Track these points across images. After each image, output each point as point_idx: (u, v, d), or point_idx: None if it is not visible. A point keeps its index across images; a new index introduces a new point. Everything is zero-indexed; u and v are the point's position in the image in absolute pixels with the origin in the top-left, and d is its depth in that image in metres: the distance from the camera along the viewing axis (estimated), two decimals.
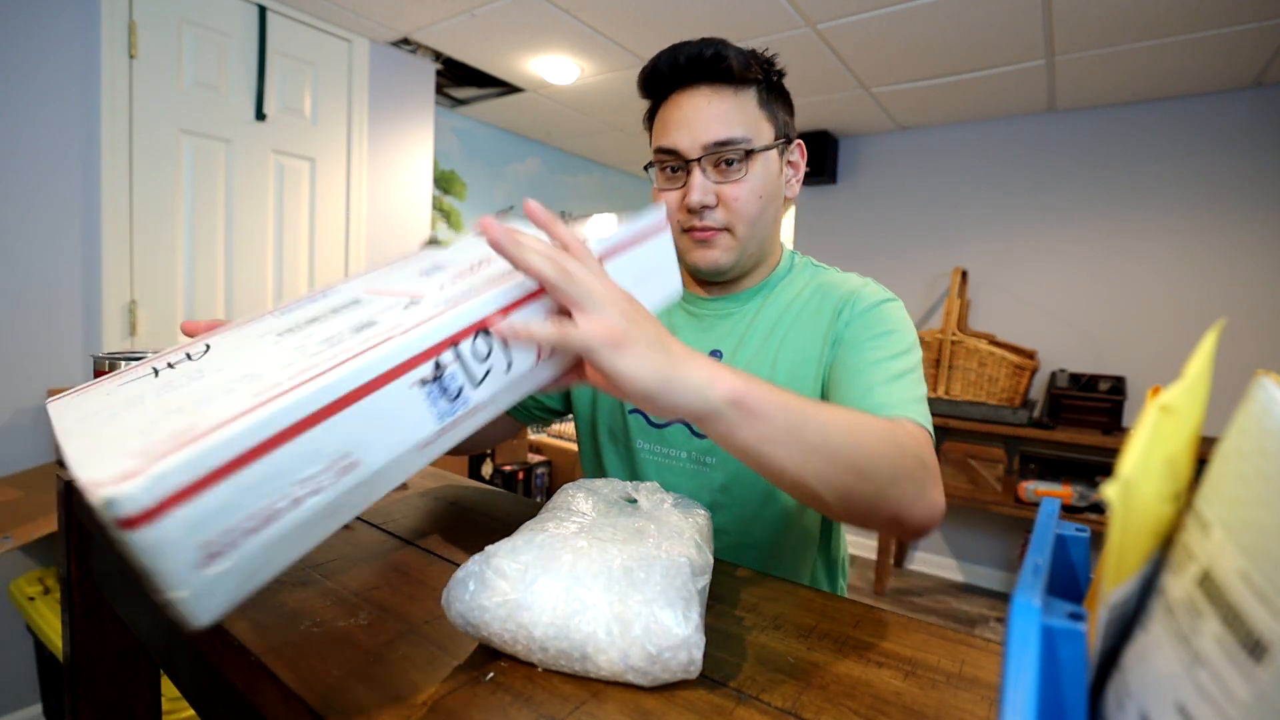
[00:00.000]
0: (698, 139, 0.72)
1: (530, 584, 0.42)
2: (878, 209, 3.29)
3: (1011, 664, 0.20)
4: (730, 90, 0.73)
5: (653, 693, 0.42)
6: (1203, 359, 0.22)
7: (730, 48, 0.72)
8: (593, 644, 0.41)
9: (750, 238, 0.76)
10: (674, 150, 0.74)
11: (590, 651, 0.41)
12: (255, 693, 0.43)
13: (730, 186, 0.73)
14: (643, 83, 0.78)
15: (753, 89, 0.75)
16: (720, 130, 0.72)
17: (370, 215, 2.43)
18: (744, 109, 0.73)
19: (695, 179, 0.73)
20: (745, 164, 0.73)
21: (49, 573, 1.58)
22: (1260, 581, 0.17)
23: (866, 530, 0.61)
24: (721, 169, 0.73)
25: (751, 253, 0.78)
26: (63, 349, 1.74)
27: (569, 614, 0.41)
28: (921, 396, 0.67)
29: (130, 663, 0.82)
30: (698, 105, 0.73)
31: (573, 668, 0.42)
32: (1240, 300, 2.50)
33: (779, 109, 0.77)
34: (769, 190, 0.75)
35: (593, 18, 2.10)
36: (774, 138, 0.76)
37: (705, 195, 0.73)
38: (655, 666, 0.40)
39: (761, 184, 0.74)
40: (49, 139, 1.68)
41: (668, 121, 0.75)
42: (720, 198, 0.74)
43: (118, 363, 0.73)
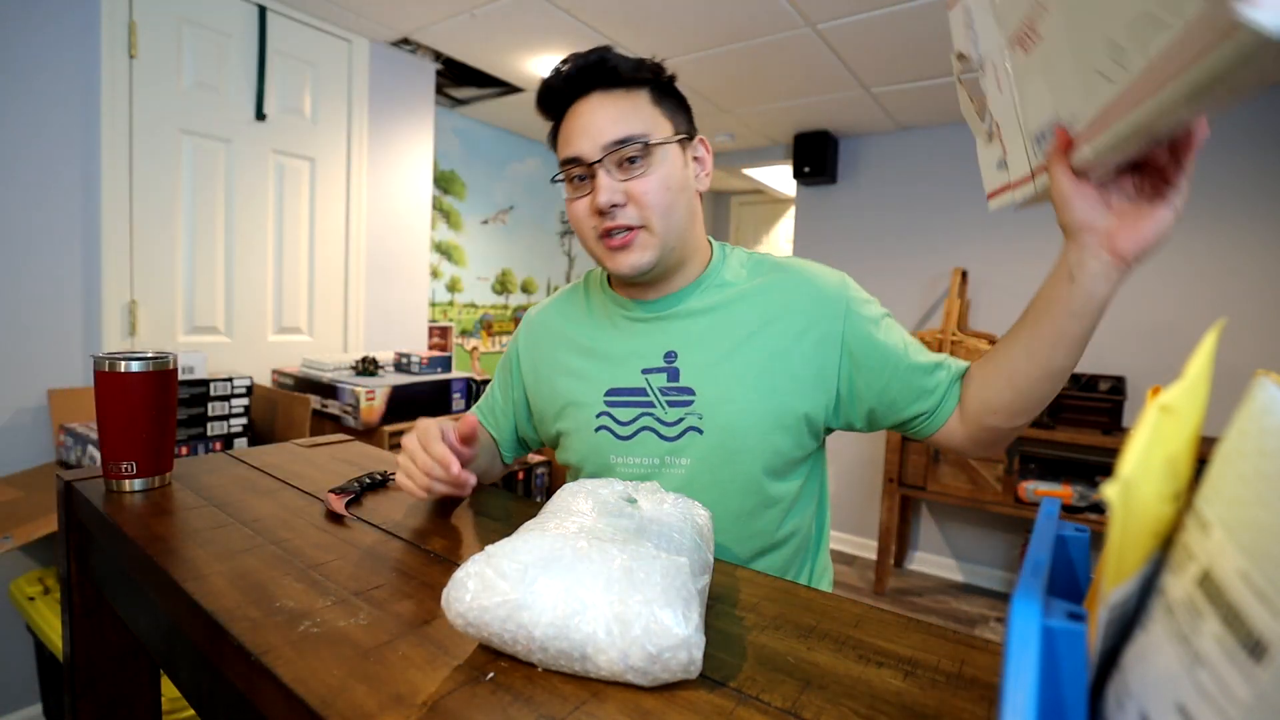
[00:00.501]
0: (596, 141, 0.74)
1: (530, 584, 0.42)
2: (878, 209, 3.29)
3: (1011, 664, 0.20)
4: (622, 91, 0.76)
5: (653, 693, 0.42)
6: (1203, 359, 0.22)
7: (617, 55, 0.75)
8: (593, 644, 0.41)
9: (667, 230, 0.76)
10: (576, 158, 0.75)
11: (590, 651, 0.41)
12: (255, 693, 0.43)
13: (636, 182, 0.74)
14: (540, 103, 0.80)
15: (645, 89, 0.77)
16: (618, 129, 0.73)
17: (370, 215, 2.43)
18: (638, 107, 0.75)
19: (601, 180, 0.74)
20: (647, 159, 0.74)
21: (49, 573, 1.58)
22: (1260, 581, 0.17)
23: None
24: (625, 167, 0.74)
25: (673, 247, 0.78)
26: (63, 349, 1.74)
27: (569, 614, 0.41)
28: (924, 349, 0.81)
29: (130, 663, 0.82)
30: (593, 109, 0.75)
31: (573, 668, 0.42)
32: (1240, 300, 2.50)
33: (674, 108, 0.79)
34: (676, 181, 0.76)
35: (593, 18, 2.10)
36: (673, 132, 0.77)
37: (613, 194, 0.74)
38: (655, 666, 0.40)
39: (667, 175, 0.75)
40: (49, 139, 1.68)
41: (568, 132, 0.77)
42: (629, 195, 0.74)
43: (117, 363, 0.73)
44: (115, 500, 0.72)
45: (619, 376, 0.82)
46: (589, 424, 0.82)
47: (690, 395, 0.78)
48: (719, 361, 0.78)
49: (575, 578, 0.42)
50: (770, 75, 2.53)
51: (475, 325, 3.41)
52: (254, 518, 0.69)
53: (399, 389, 1.95)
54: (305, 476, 0.85)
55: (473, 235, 3.32)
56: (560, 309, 0.92)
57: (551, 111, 0.80)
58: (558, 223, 3.85)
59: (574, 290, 0.94)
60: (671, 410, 0.78)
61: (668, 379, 0.79)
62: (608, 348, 0.84)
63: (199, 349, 1.95)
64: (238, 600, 0.50)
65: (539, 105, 0.81)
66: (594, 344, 0.85)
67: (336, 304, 2.37)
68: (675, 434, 0.78)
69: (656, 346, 0.81)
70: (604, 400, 0.82)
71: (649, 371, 0.80)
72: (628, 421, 0.80)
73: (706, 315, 0.81)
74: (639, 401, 0.80)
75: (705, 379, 0.78)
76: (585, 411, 0.83)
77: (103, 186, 1.75)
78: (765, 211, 5.04)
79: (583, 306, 0.90)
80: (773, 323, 0.78)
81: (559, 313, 0.91)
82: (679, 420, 0.78)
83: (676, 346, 0.80)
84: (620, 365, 0.82)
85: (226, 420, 1.72)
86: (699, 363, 0.79)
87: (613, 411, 0.81)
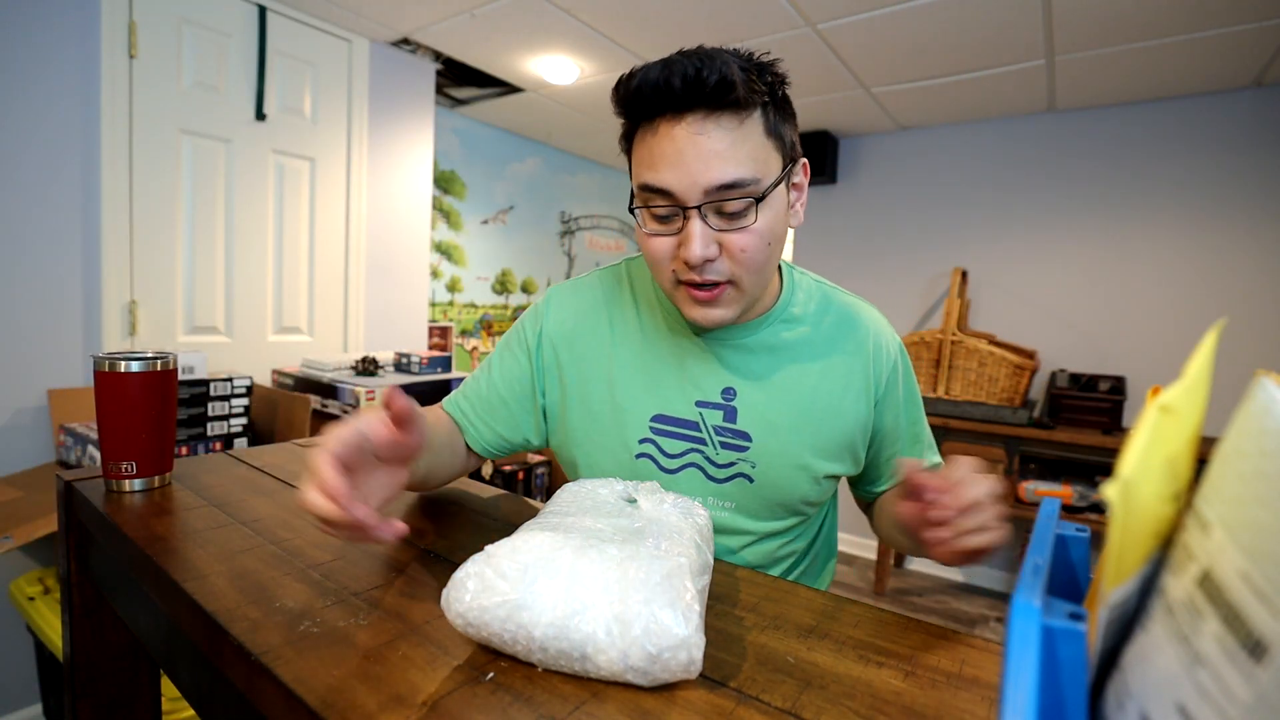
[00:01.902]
0: (697, 182, 0.60)
1: (530, 584, 0.42)
2: (878, 209, 3.29)
3: (1011, 664, 0.20)
4: (733, 119, 0.60)
5: (653, 693, 0.42)
6: (1203, 359, 0.22)
7: (734, 67, 0.59)
8: (593, 644, 0.40)
9: (754, 285, 0.67)
10: (667, 192, 0.62)
11: (590, 651, 0.41)
12: (255, 693, 0.43)
13: (736, 235, 0.63)
14: (621, 102, 0.65)
15: (758, 112, 0.62)
16: (725, 172, 0.60)
17: (370, 215, 2.43)
18: (750, 141, 0.61)
19: (694, 229, 0.62)
20: (754, 209, 0.62)
21: (49, 573, 1.58)
22: (1260, 581, 0.17)
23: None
24: (725, 216, 0.63)
25: (757, 298, 0.70)
26: (63, 349, 1.74)
27: (569, 614, 0.41)
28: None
29: (130, 663, 0.82)
30: (696, 142, 0.60)
31: (573, 668, 0.42)
32: (1240, 300, 2.50)
33: (786, 129, 0.66)
34: (777, 233, 0.66)
35: (593, 18, 2.10)
36: (782, 166, 0.65)
37: (707, 249, 0.62)
38: (655, 666, 0.40)
39: (770, 228, 0.64)
40: (49, 139, 1.68)
41: (657, 157, 0.62)
42: (724, 247, 0.63)
43: (117, 363, 0.73)
44: (115, 500, 0.72)
45: (670, 404, 0.74)
46: (628, 448, 0.75)
47: (746, 441, 0.73)
48: (779, 409, 0.73)
49: (575, 578, 0.42)
50: None
51: (475, 325, 3.41)
52: (254, 518, 0.69)
53: (399, 389, 1.94)
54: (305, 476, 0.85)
55: (473, 235, 3.32)
56: (599, 298, 0.80)
57: (633, 118, 0.65)
58: (558, 223, 3.85)
59: (615, 281, 0.82)
60: (724, 452, 0.74)
61: (724, 418, 0.73)
62: (659, 367, 0.75)
63: (199, 349, 1.95)
64: (238, 600, 0.50)
65: (618, 104, 0.65)
66: (643, 357, 0.76)
67: (336, 304, 2.37)
68: (724, 476, 0.74)
69: (715, 379, 0.74)
70: (649, 425, 0.75)
71: (704, 405, 0.74)
72: (675, 454, 0.74)
73: (770, 354, 0.75)
74: (690, 436, 0.74)
75: (764, 428, 0.73)
76: (626, 433, 0.75)
77: (103, 186, 1.75)
78: None
79: (630, 306, 0.79)
80: (836, 372, 0.76)
81: (599, 303, 0.80)
82: (730, 464, 0.74)
83: (736, 383, 0.74)
84: (672, 391, 0.75)
85: (226, 420, 1.72)
86: (758, 406, 0.73)
87: (659, 441, 0.75)
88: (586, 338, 0.79)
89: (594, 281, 0.83)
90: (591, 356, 0.78)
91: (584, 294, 0.82)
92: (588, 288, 0.82)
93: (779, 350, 0.75)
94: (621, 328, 0.78)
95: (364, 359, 2.07)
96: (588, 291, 0.82)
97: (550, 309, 0.81)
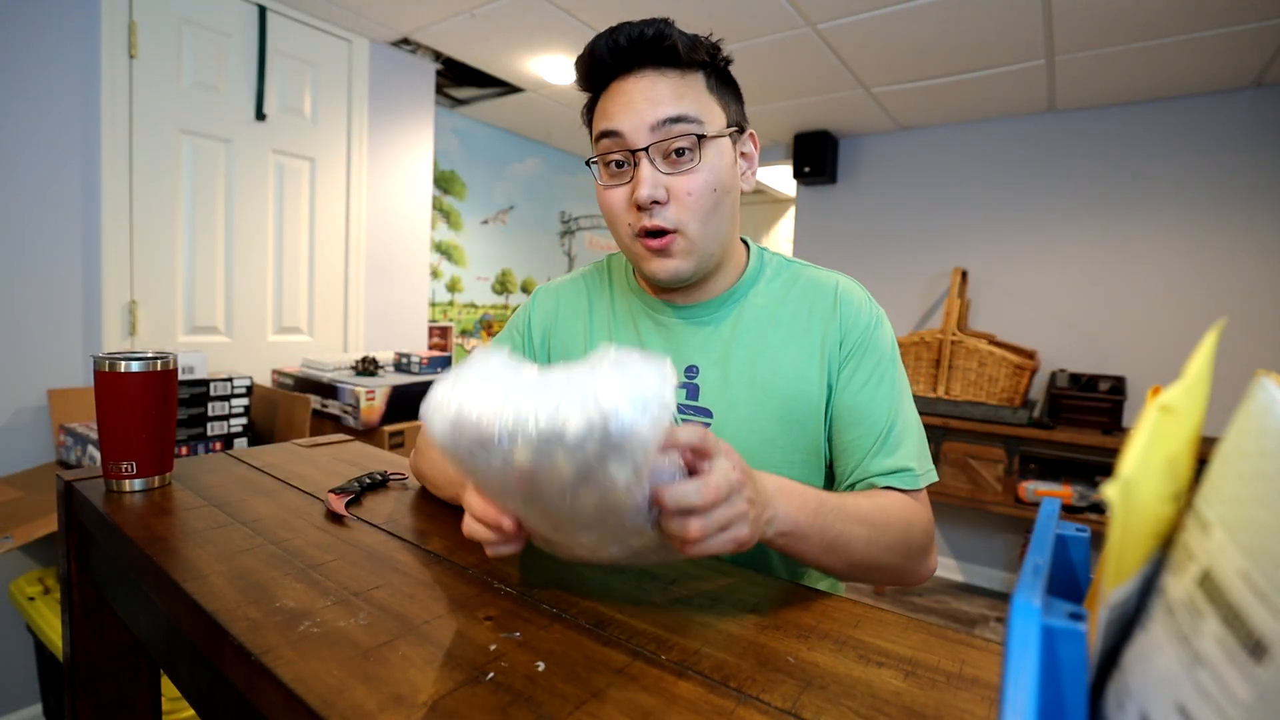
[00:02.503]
0: (644, 119, 0.66)
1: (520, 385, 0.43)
2: (878, 209, 3.29)
3: (1011, 664, 0.20)
4: (676, 72, 0.68)
5: (653, 693, 0.42)
6: (1203, 359, 0.22)
7: (674, 28, 0.67)
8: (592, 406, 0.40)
9: (704, 236, 0.70)
10: (617, 132, 0.68)
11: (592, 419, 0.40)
12: (255, 693, 0.43)
13: (682, 178, 0.67)
14: (581, 71, 0.72)
15: (700, 73, 0.70)
16: (668, 109, 0.66)
17: (370, 215, 2.43)
18: (693, 90, 0.68)
19: (644, 171, 0.67)
20: (698, 151, 0.67)
21: (49, 573, 1.58)
22: (1260, 581, 0.17)
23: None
24: (672, 159, 0.67)
25: (711, 253, 0.72)
26: (63, 349, 1.74)
27: (557, 405, 0.41)
28: (922, 439, 0.74)
29: (130, 663, 0.82)
30: (641, 86, 0.67)
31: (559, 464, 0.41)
32: (1240, 300, 2.50)
33: (729, 96, 0.72)
34: (724, 181, 0.69)
35: (593, 18, 2.10)
36: (725, 124, 0.71)
37: (655, 189, 0.67)
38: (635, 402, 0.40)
39: (715, 174, 0.68)
40: (49, 139, 1.68)
41: (609, 107, 0.69)
42: (671, 192, 0.68)
43: (117, 363, 0.73)
44: (115, 500, 0.72)
45: None
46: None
47: (706, 419, 0.74)
48: (737, 385, 0.74)
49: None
50: (770, 75, 2.53)
51: (475, 325, 3.41)
52: (254, 518, 0.69)
53: (399, 389, 1.94)
54: (305, 476, 0.85)
55: (473, 235, 3.32)
56: (582, 289, 0.86)
57: (592, 84, 0.73)
58: (558, 223, 3.85)
59: (597, 273, 0.87)
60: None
61: (686, 395, 0.76)
62: (628, 347, 0.80)
63: (199, 349, 1.95)
64: (238, 600, 0.50)
65: (579, 75, 0.73)
66: (613, 339, 0.81)
67: (336, 304, 2.37)
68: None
69: (678, 358, 0.76)
70: None
71: None
72: None
73: (733, 330, 0.76)
74: None
75: (724, 402, 0.74)
76: None
77: (103, 186, 1.75)
78: (765, 211, 5.04)
79: (605, 295, 0.84)
80: (797, 342, 0.74)
81: (580, 293, 0.85)
82: None
83: (699, 361, 0.76)
84: None
85: (226, 420, 1.72)
86: (719, 383, 0.75)
87: None
88: (567, 323, 0.85)
89: (577, 275, 0.89)
90: (571, 338, 0.84)
91: (567, 287, 0.87)
92: (571, 281, 0.88)
93: (741, 326, 0.76)
94: (598, 314, 0.84)
95: (364, 359, 2.07)
96: (570, 285, 0.88)
97: (536, 302, 0.88)
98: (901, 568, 0.67)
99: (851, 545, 0.60)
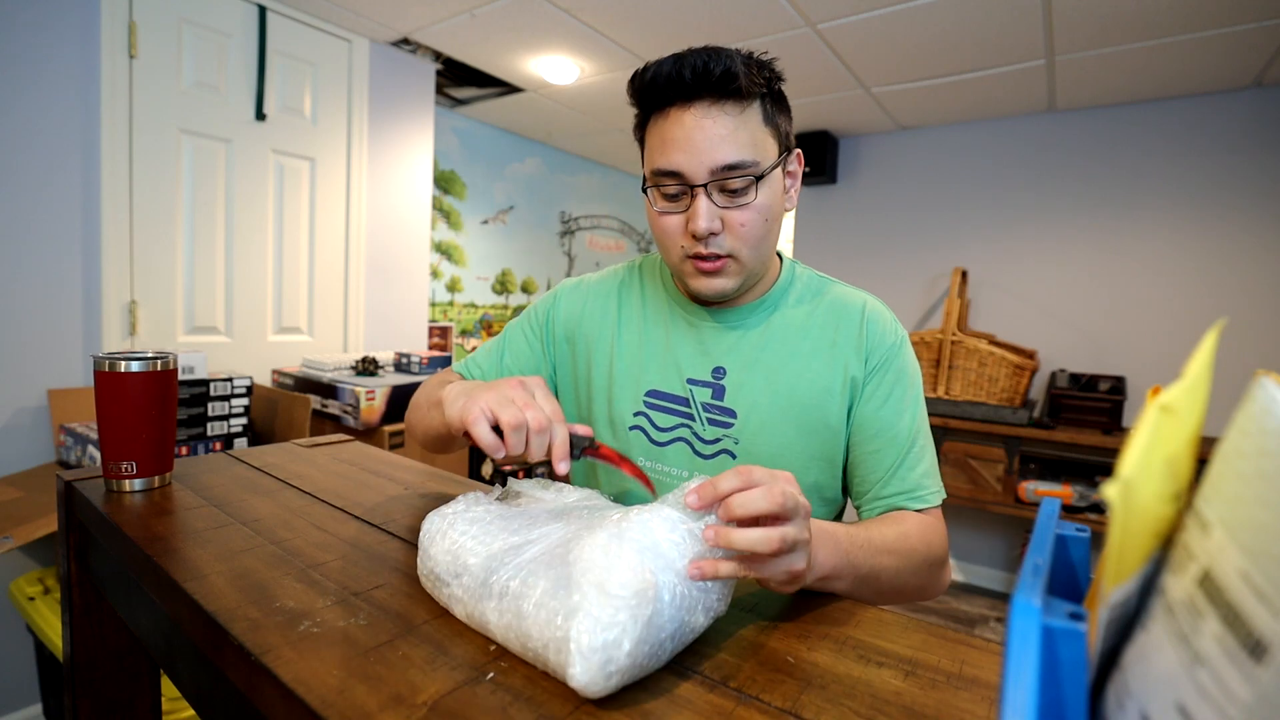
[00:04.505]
0: (704, 163, 0.68)
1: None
2: (878, 209, 3.29)
3: (1011, 664, 0.20)
4: (735, 107, 0.68)
5: (652, 693, 0.42)
6: (1203, 359, 0.22)
7: (737, 60, 0.67)
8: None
9: (754, 259, 0.74)
10: (677, 173, 0.70)
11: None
12: (255, 693, 0.43)
13: (737, 212, 0.70)
14: (636, 93, 0.73)
15: (757, 103, 0.70)
16: (728, 153, 0.68)
17: (370, 215, 2.43)
18: (750, 127, 0.69)
19: (701, 205, 0.69)
20: (754, 188, 0.70)
21: (49, 573, 1.58)
22: (1260, 581, 0.17)
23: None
24: (728, 194, 0.70)
25: (756, 272, 0.76)
26: (63, 349, 1.74)
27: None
28: (934, 459, 0.77)
29: (130, 663, 0.82)
30: (703, 126, 0.68)
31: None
32: (1240, 300, 2.50)
33: (781, 120, 0.74)
34: (774, 210, 0.73)
35: (593, 18, 2.10)
36: (778, 153, 0.73)
37: (712, 222, 0.70)
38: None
39: (768, 206, 0.71)
40: (49, 139, 1.68)
41: (668, 141, 0.70)
42: (726, 223, 0.71)
43: (117, 363, 0.73)
44: (115, 500, 0.72)
45: (664, 380, 0.80)
46: (623, 420, 0.81)
47: (731, 419, 0.77)
48: (764, 388, 0.76)
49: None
50: None
51: (475, 325, 3.41)
52: (254, 518, 0.69)
53: (399, 389, 1.94)
54: (305, 476, 0.85)
55: (473, 235, 3.32)
56: (612, 290, 0.88)
57: (645, 106, 0.73)
58: (558, 223, 3.85)
59: (628, 273, 0.90)
60: (711, 429, 0.77)
61: (712, 395, 0.78)
62: (656, 346, 0.82)
63: (199, 349, 1.95)
64: (238, 600, 0.50)
65: (633, 94, 0.73)
66: (642, 337, 0.83)
67: (336, 304, 2.37)
68: (710, 452, 0.77)
69: (707, 359, 0.79)
70: (643, 399, 0.80)
71: (695, 383, 0.79)
72: (665, 428, 0.79)
73: (762, 337, 0.79)
74: (680, 411, 0.79)
75: (748, 403, 0.77)
76: (621, 405, 0.81)
77: (103, 186, 1.75)
78: None
79: (636, 295, 0.87)
80: (821, 355, 0.77)
81: (610, 293, 0.88)
82: (716, 440, 0.77)
83: (727, 363, 0.78)
84: (666, 368, 0.80)
85: (226, 420, 1.72)
86: (745, 386, 0.77)
87: (651, 414, 0.80)
88: (596, 318, 0.86)
89: (607, 273, 0.91)
90: (598, 335, 0.85)
91: (596, 286, 0.90)
92: (600, 278, 0.91)
93: (771, 333, 0.79)
94: (627, 312, 0.86)
95: (364, 359, 2.07)
96: (599, 285, 0.90)
97: (563, 294, 0.90)
98: (924, 587, 0.70)
99: (881, 577, 0.63)
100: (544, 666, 0.42)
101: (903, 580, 0.66)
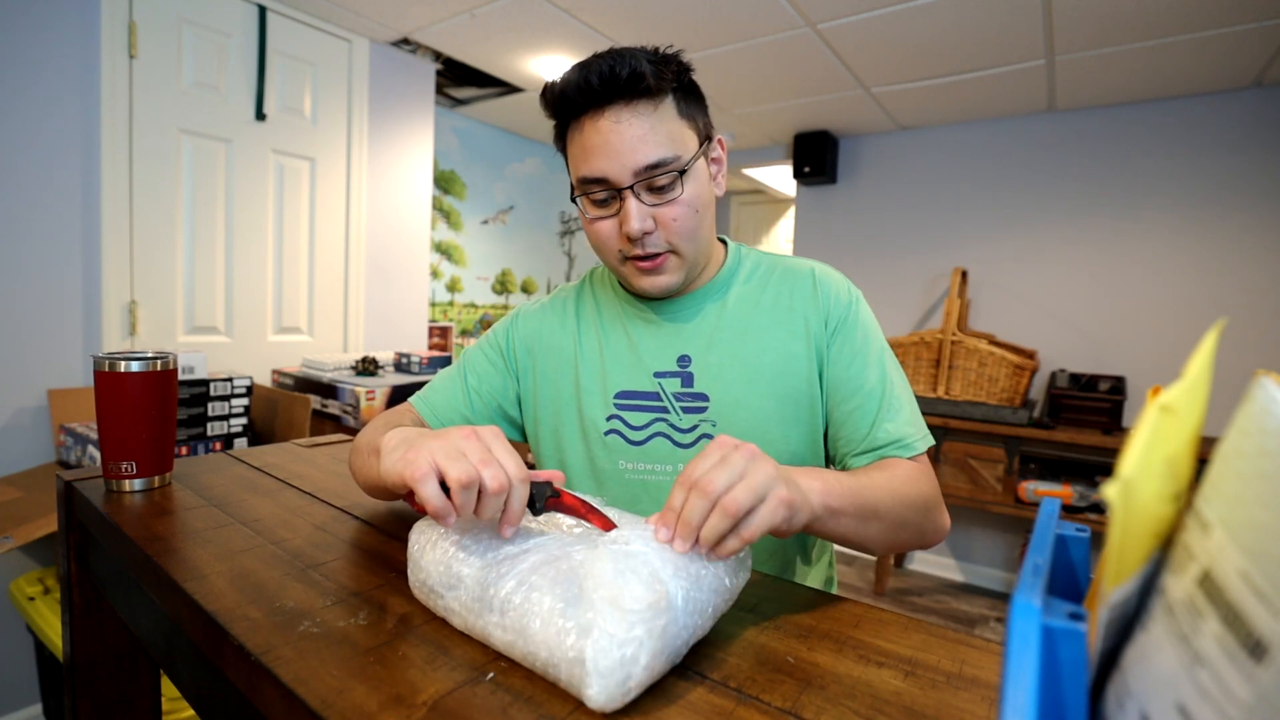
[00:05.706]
0: (626, 166, 0.69)
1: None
2: (878, 209, 3.29)
3: (1011, 664, 0.20)
4: (648, 106, 0.69)
5: (653, 693, 0.42)
6: (1203, 359, 0.22)
7: (643, 60, 0.68)
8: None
9: (691, 251, 0.75)
10: (602, 179, 0.70)
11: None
12: (255, 693, 0.43)
13: (667, 208, 0.71)
14: (549, 106, 0.73)
15: (669, 98, 0.71)
16: (649, 153, 0.68)
17: (370, 215, 2.43)
18: (666, 124, 0.70)
19: (631, 207, 0.70)
20: (679, 182, 0.71)
21: (49, 573, 1.58)
22: (1260, 581, 0.17)
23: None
24: (655, 192, 0.71)
25: (697, 262, 0.77)
26: (63, 349, 1.74)
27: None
28: (914, 406, 0.78)
29: (130, 663, 0.82)
30: (619, 130, 0.68)
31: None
32: (1240, 300, 2.50)
33: (696, 111, 0.75)
34: (703, 199, 0.74)
35: (593, 18, 2.10)
36: (698, 144, 0.73)
37: (644, 222, 0.70)
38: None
39: (695, 196, 0.72)
40: (49, 139, 1.68)
41: (589, 149, 0.70)
42: (658, 220, 0.71)
43: (117, 363, 0.73)
44: (115, 500, 0.72)
45: (630, 379, 0.80)
46: (596, 426, 0.80)
47: (704, 402, 0.77)
48: (731, 365, 0.77)
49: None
50: (770, 75, 2.53)
51: (475, 325, 3.41)
52: (254, 518, 0.69)
53: (399, 389, 1.94)
54: (305, 476, 0.85)
55: (473, 235, 3.32)
56: (568, 307, 0.88)
57: (560, 116, 0.74)
58: (558, 223, 3.85)
59: (580, 286, 0.91)
60: (686, 416, 0.78)
61: (681, 384, 0.78)
62: (618, 348, 0.82)
63: (199, 349, 1.95)
64: (238, 600, 0.50)
65: (547, 107, 0.74)
66: (602, 342, 0.83)
67: (336, 304, 2.37)
68: (689, 441, 0.77)
69: (669, 350, 0.80)
70: (613, 403, 0.80)
71: (662, 375, 0.79)
72: (640, 426, 0.79)
73: (718, 318, 0.80)
74: (652, 406, 0.79)
75: (718, 384, 0.77)
76: (592, 413, 0.81)
77: (103, 186, 1.75)
78: (765, 211, 5.04)
79: (591, 303, 0.87)
80: (781, 324, 0.78)
81: (566, 310, 0.88)
82: (693, 427, 0.77)
83: (690, 350, 0.79)
84: (631, 367, 0.81)
85: (226, 420, 1.72)
86: (712, 367, 0.78)
87: (624, 415, 0.80)
88: (555, 331, 0.87)
89: (558, 295, 0.91)
90: (559, 347, 0.86)
91: (550, 306, 0.90)
92: (553, 301, 0.90)
93: (727, 313, 0.80)
94: (585, 321, 0.86)
95: (364, 359, 2.07)
96: (552, 305, 0.90)
97: (521, 314, 0.90)
98: (923, 526, 0.70)
99: (880, 509, 0.63)
100: (553, 681, 0.41)
101: (903, 516, 0.66)
